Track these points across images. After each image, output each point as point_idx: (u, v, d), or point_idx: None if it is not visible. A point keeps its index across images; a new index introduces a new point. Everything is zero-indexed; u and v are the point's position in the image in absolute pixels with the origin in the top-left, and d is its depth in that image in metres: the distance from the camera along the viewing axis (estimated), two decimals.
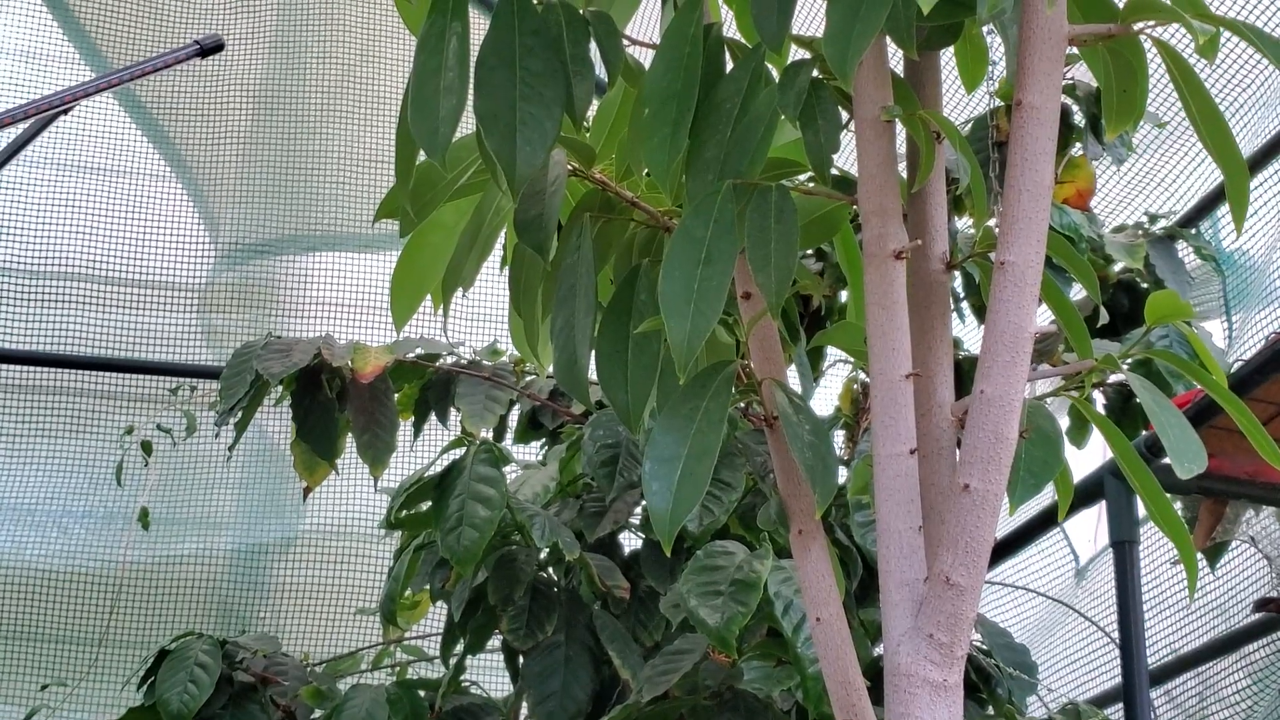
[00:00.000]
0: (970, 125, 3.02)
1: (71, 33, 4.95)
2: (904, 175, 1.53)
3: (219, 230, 5.06)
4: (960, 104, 3.44)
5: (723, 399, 1.47)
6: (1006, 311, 1.30)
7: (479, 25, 1.63)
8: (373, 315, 4.91)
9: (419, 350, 3.34)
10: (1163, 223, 3.50)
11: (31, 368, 4.68)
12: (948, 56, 1.70)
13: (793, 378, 1.91)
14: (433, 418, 3.40)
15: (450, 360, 3.36)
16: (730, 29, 1.83)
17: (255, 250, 5.05)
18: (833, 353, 3.37)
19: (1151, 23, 1.39)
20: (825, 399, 3.65)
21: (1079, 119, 3.17)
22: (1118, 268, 3.44)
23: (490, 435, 3.31)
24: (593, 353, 1.73)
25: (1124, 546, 2.77)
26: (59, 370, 4.71)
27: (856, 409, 3.35)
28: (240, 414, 3.03)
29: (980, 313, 3.13)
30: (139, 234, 4.86)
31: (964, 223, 3.11)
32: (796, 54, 1.62)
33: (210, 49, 2.91)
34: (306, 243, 5.07)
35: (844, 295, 3.22)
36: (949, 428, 1.42)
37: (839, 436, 3.27)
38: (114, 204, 4.87)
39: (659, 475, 1.43)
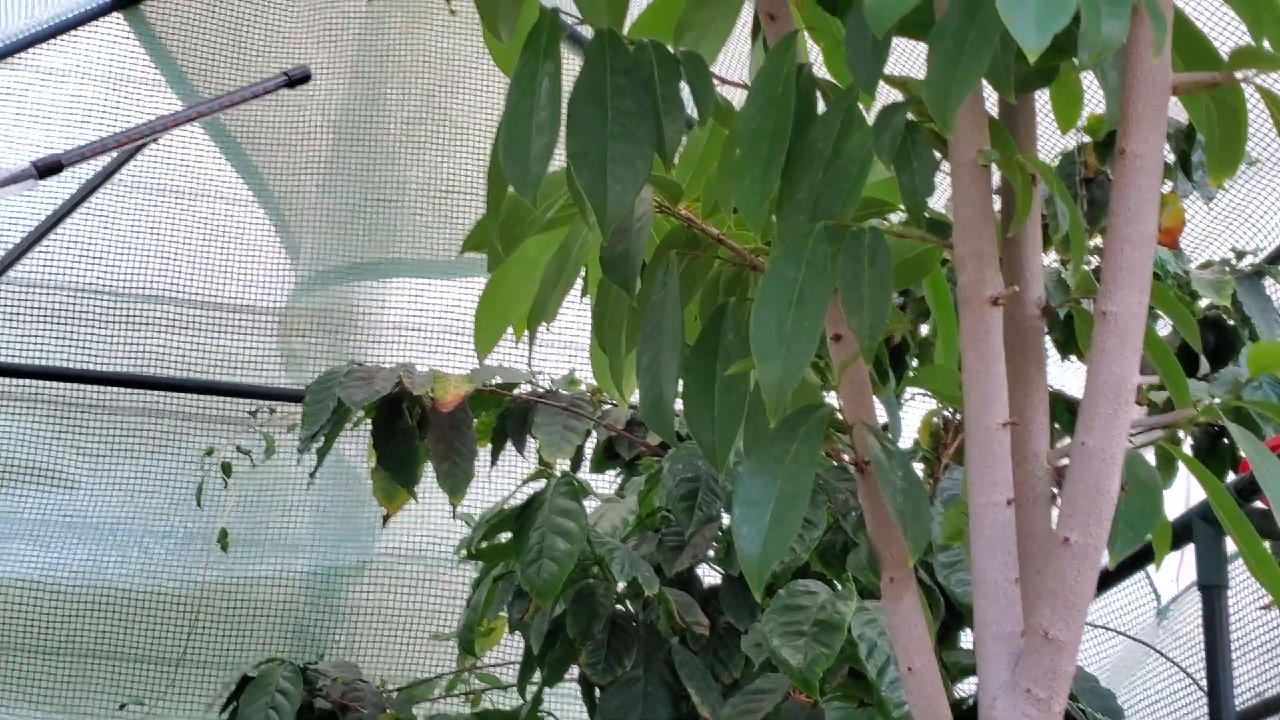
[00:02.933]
0: (1059, 160, 3.00)
1: (157, 58, 5.00)
2: (997, 217, 1.52)
3: (299, 255, 5.09)
4: (1046, 138, 3.42)
5: (813, 443, 1.45)
6: (1109, 363, 1.28)
7: (570, 63, 1.63)
8: (448, 341, 4.93)
9: (497, 379, 3.34)
10: (1250, 259, 3.46)
11: (113, 387, 4.73)
12: (1041, 96, 1.68)
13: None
14: (509, 445, 3.40)
15: (528, 389, 3.36)
16: (817, 63, 1.83)
17: (334, 275, 5.08)
18: (911, 386, 3.35)
19: (1254, 70, 1.37)
20: (904, 430, 3.63)
21: (1169, 156, 3.14)
22: (1204, 304, 3.40)
23: (567, 464, 3.31)
24: (679, 390, 1.73)
25: (1213, 591, 2.74)
26: (140, 390, 4.75)
27: (936, 442, 3.33)
28: (322, 439, 3.04)
29: (1063, 349, 3.10)
30: (221, 258, 4.91)
31: (1050, 258, 3.09)
32: (889, 93, 1.61)
33: (298, 79, 2.93)
34: (384, 269, 5.10)
35: (924, 328, 3.20)
36: (1044, 476, 1.40)
37: (918, 469, 3.24)
38: (198, 228, 4.92)
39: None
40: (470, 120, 5.15)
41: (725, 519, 2.69)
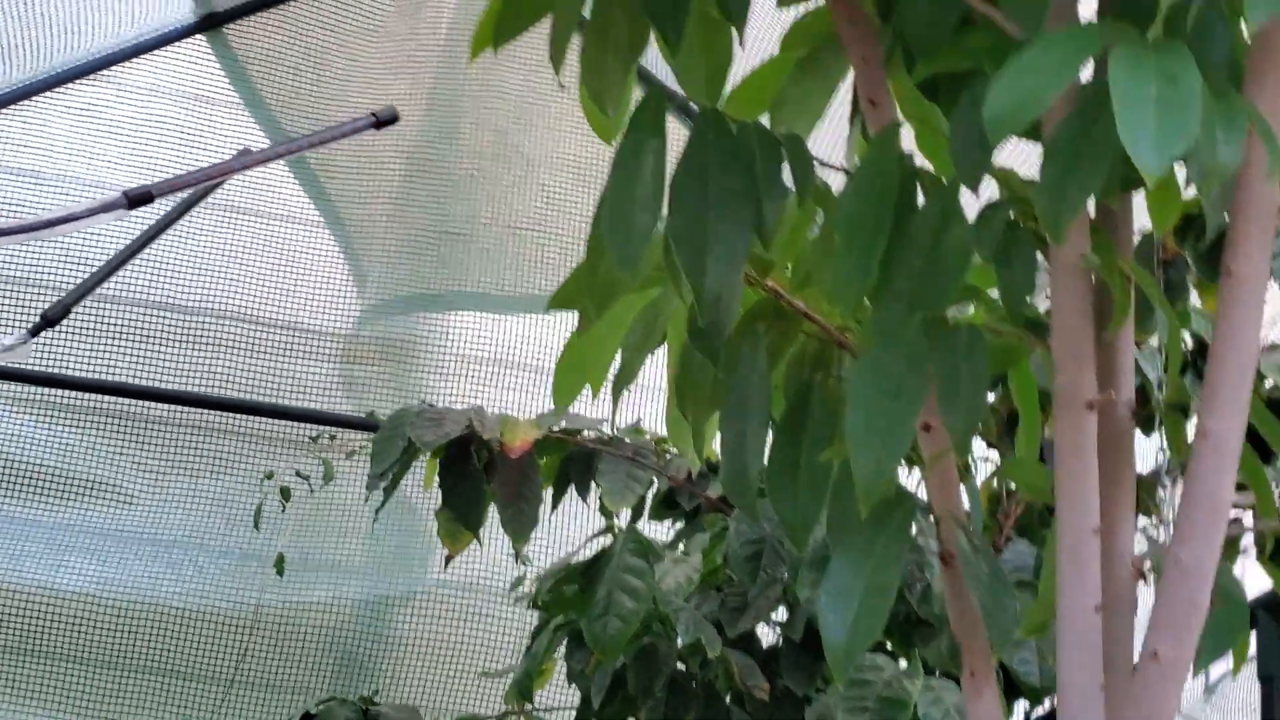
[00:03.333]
0: (1138, 239, 3.00)
1: (237, 81, 5.05)
2: None
3: (366, 283, 5.13)
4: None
5: (902, 536, 1.47)
6: (1206, 480, 1.30)
7: (675, 132, 1.66)
8: (510, 374, 4.96)
9: (563, 424, 3.37)
10: None
11: (177, 406, 4.77)
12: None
13: None
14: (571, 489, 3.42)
15: (592, 434, 3.38)
16: (906, 131, 1.84)
17: (399, 305, 5.11)
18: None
19: None
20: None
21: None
22: (1268, 384, 3.40)
23: (629, 513, 3.33)
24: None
25: (1273, 682, 2.74)
26: (203, 409, 4.80)
27: (995, 508, 3.33)
28: (390, 477, 3.07)
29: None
30: (290, 280, 4.95)
31: None
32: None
33: (385, 121, 2.97)
34: (449, 301, 5.13)
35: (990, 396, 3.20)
36: (1130, 579, 1.42)
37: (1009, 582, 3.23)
38: (268, 249, 4.96)
39: (835, 609, 1.44)
40: (541, 158, 5.19)
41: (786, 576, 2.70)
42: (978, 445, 3.31)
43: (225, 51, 5.01)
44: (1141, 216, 3.22)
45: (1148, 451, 2.17)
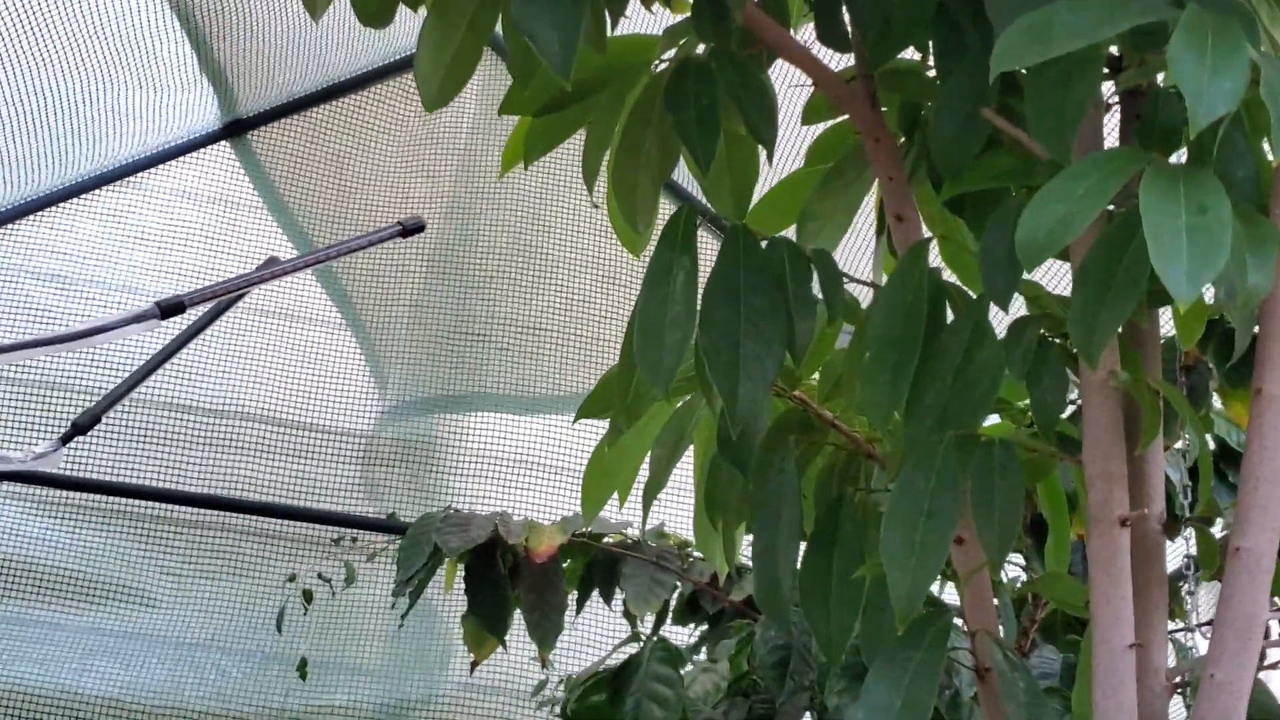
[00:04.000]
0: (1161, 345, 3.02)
1: (260, 185, 5.11)
2: None
3: (387, 384, 5.15)
4: None
5: (937, 652, 1.49)
6: (1239, 599, 1.31)
7: (703, 242, 1.69)
8: (530, 475, 4.96)
9: (588, 528, 3.38)
10: None
11: (199, 508, 4.79)
12: None
13: None
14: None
15: (616, 539, 3.39)
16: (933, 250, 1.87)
17: (419, 406, 5.13)
18: None
19: None
20: None
21: None
22: None
23: (653, 617, 3.33)
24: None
25: None
26: (225, 512, 4.81)
27: (1019, 610, 3.32)
28: (415, 583, 3.09)
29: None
30: (311, 382, 4.97)
31: None
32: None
33: (412, 230, 2.99)
34: (469, 402, 5.15)
35: None
36: (1163, 693, 1.43)
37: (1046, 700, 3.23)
38: (290, 351, 4.99)
39: None
40: (560, 258, 5.22)
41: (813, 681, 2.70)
42: None
43: (249, 156, 5.08)
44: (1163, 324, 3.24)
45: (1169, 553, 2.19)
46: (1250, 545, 1.32)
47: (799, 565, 1.76)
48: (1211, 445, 2.96)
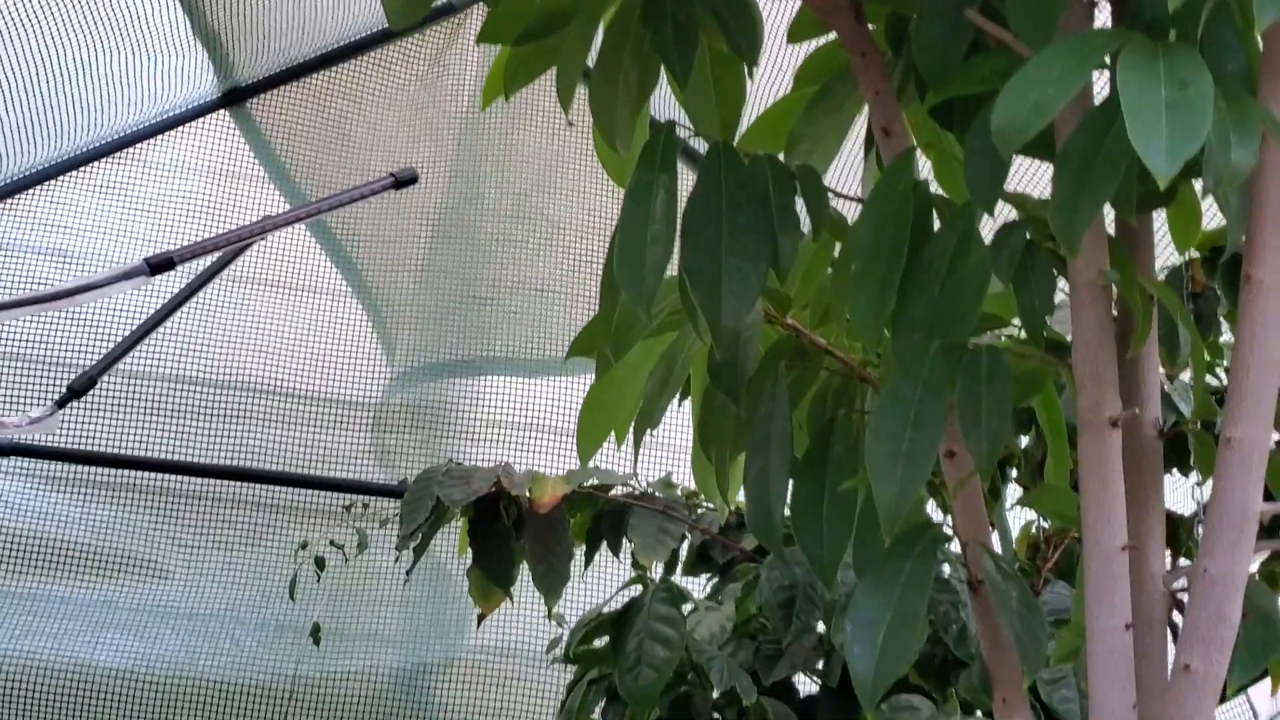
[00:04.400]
0: (1165, 274, 2.98)
1: (261, 154, 5.08)
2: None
3: (395, 351, 5.13)
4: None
5: (927, 563, 1.45)
6: (1232, 489, 1.28)
7: (684, 178, 1.65)
8: (541, 438, 4.94)
9: (594, 479, 3.35)
10: None
11: (210, 479, 4.77)
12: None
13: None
14: (603, 546, 3.39)
15: (623, 490, 3.36)
16: (925, 169, 1.83)
17: (428, 372, 5.11)
18: (1010, 492, 3.32)
19: None
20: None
21: None
22: None
23: (662, 568, 3.30)
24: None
25: None
26: (236, 482, 4.80)
27: (1034, 554, 3.29)
28: (420, 538, 3.06)
29: (1170, 465, 3.07)
30: (319, 352, 4.95)
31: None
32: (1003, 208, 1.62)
33: (404, 181, 2.96)
34: (478, 366, 5.12)
35: (1023, 438, 3.17)
36: (1161, 599, 1.40)
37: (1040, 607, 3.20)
38: (297, 322, 4.97)
39: (862, 639, 1.42)
40: (566, 220, 5.19)
41: (821, 627, 2.68)
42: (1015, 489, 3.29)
43: (249, 125, 5.04)
44: (1171, 253, 3.20)
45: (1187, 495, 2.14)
46: (1242, 435, 1.28)
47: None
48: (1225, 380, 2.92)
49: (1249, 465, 1.28)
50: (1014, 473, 2.94)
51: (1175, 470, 3.17)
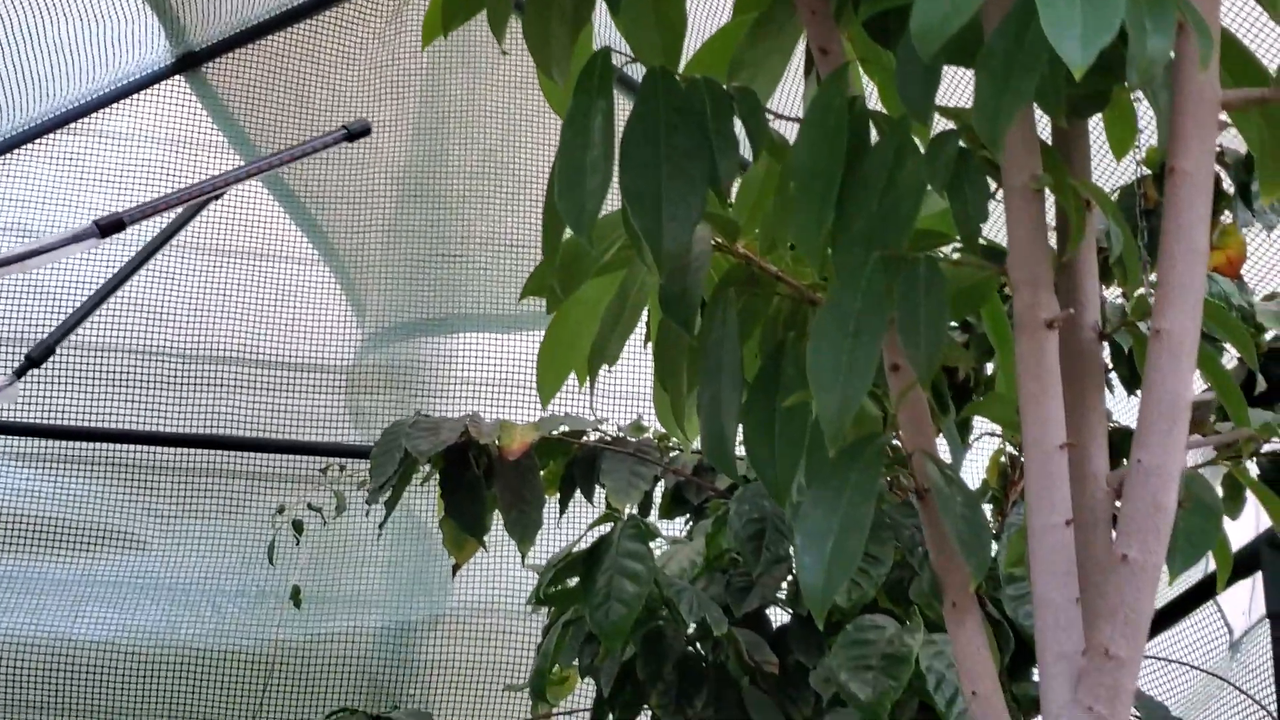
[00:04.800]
0: (1118, 194, 2.99)
1: (220, 120, 5.06)
2: (1053, 245, 1.52)
3: (365, 313, 5.13)
4: (1105, 173, 3.42)
5: (872, 472, 1.46)
6: (1163, 380, 1.28)
7: (622, 108, 1.65)
8: (516, 394, 4.94)
9: (564, 426, 3.35)
10: None
11: (183, 449, 4.77)
12: (1095, 123, 1.69)
13: (942, 451, 1.90)
14: (578, 494, 3.41)
15: (595, 436, 3.37)
16: (873, 101, 1.83)
17: (400, 331, 5.11)
18: (979, 425, 3.34)
19: None
20: (971, 471, 3.62)
21: (1228, 186, 3.13)
22: (1269, 335, 3.38)
23: (635, 511, 3.31)
24: (739, 427, 1.73)
25: None
26: (210, 451, 4.80)
27: (1004, 482, 3.32)
28: (390, 492, 3.06)
29: (1129, 384, 3.09)
30: (288, 317, 4.95)
31: (1111, 293, 3.07)
32: (942, 125, 1.62)
33: (358, 133, 2.96)
34: (450, 324, 5.12)
35: (990, 368, 3.19)
36: (1104, 498, 1.40)
37: (987, 510, 3.23)
38: (263, 288, 4.96)
39: (810, 549, 1.42)
40: (533, 175, 5.19)
41: (792, 558, 2.69)
42: (984, 420, 3.30)
43: (205, 90, 5.02)
44: (1122, 175, 3.20)
45: None
46: (1170, 326, 1.29)
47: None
48: None
49: (1178, 356, 1.29)
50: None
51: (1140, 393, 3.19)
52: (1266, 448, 2.93)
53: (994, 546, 2.90)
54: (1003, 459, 3.34)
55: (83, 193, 4.75)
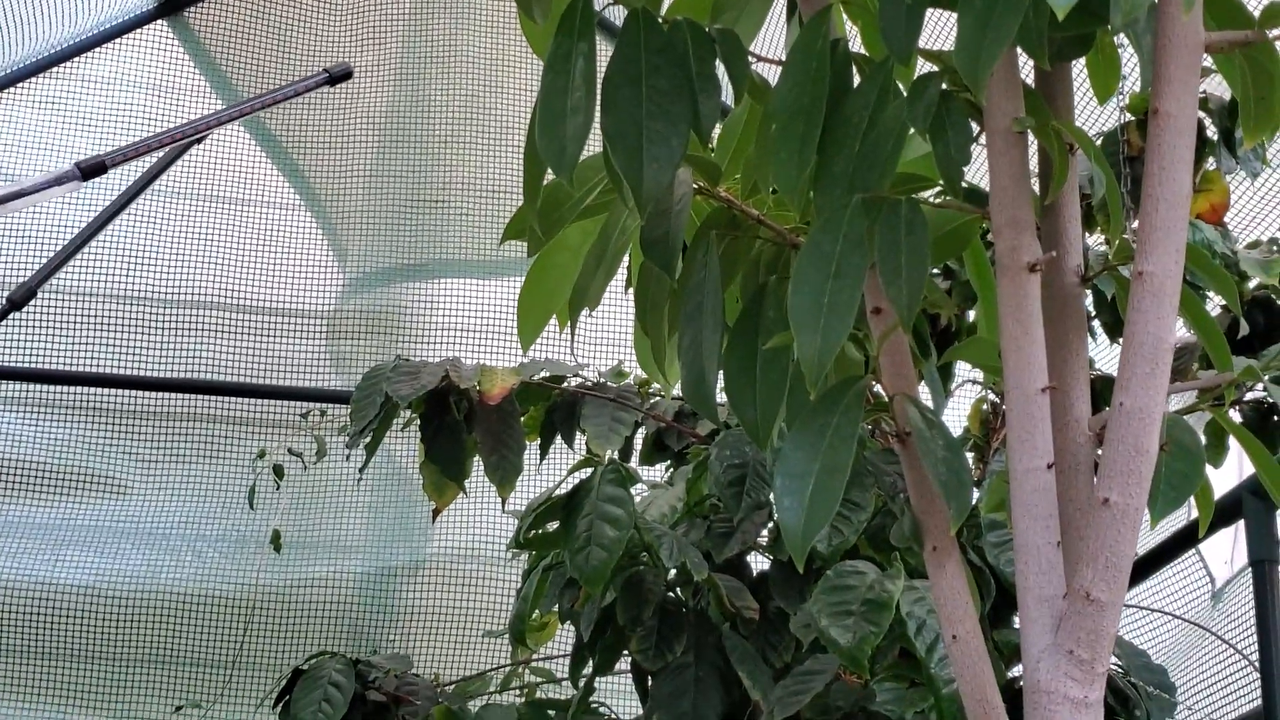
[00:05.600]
0: (1101, 140, 2.98)
1: (202, 65, 5.04)
2: (1035, 189, 1.51)
3: (346, 258, 5.11)
4: (1089, 119, 3.41)
5: (854, 414, 1.45)
6: (1145, 323, 1.28)
7: (603, 52, 1.64)
8: (498, 340, 4.94)
9: (545, 372, 3.35)
10: None
11: (165, 393, 4.76)
12: (1079, 68, 1.68)
13: (924, 396, 1.90)
14: (559, 439, 3.40)
15: (576, 382, 3.36)
16: (856, 45, 1.82)
17: (382, 277, 5.10)
18: (961, 372, 3.34)
19: None
20: (952, 419, 3.62)
21: (1211, 132, 3.12)
22: (1252, 284, 3.38)
23: (616, 456, 3.30)
24: (720, 371, 1.73)
25: (1263, 566, 2.72)
26: (192, 396, 4.79)
27: (986, 429, 3.32)
28: (370, 436, 3.05)
29: (1112, 331, 3.09)
30: (270, 262, 4.94)
31: (1094, 239, 3.07)
32: (924, 68, 1.61)
33: (339, 77, 2.93)
34: (432, 270, 5.11)
35: (972, 314, 3.18)
36: (1086, 443, 1.40)
37: (969, 457, 3.23)
38: (245, 233, 4.95)
39: (790, 491, 1.42)
40: (515, 120, 5.17)
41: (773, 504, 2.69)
42: (965, 368, 3.30)
43: (188, 35, 4.99)
44: (1106, 120, 3.18)
45: None
46: (1153, 269, 1.28)
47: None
48: None
49: (1161, 298, 1.28)
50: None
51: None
52: (1250, 396, 2.93)
53: (975, 494, 2.90)
54: (984, 406, 3.34)
55: (64, 137, 4.73)
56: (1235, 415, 3.06)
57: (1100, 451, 1.34)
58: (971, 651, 1.40)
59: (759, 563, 2.90)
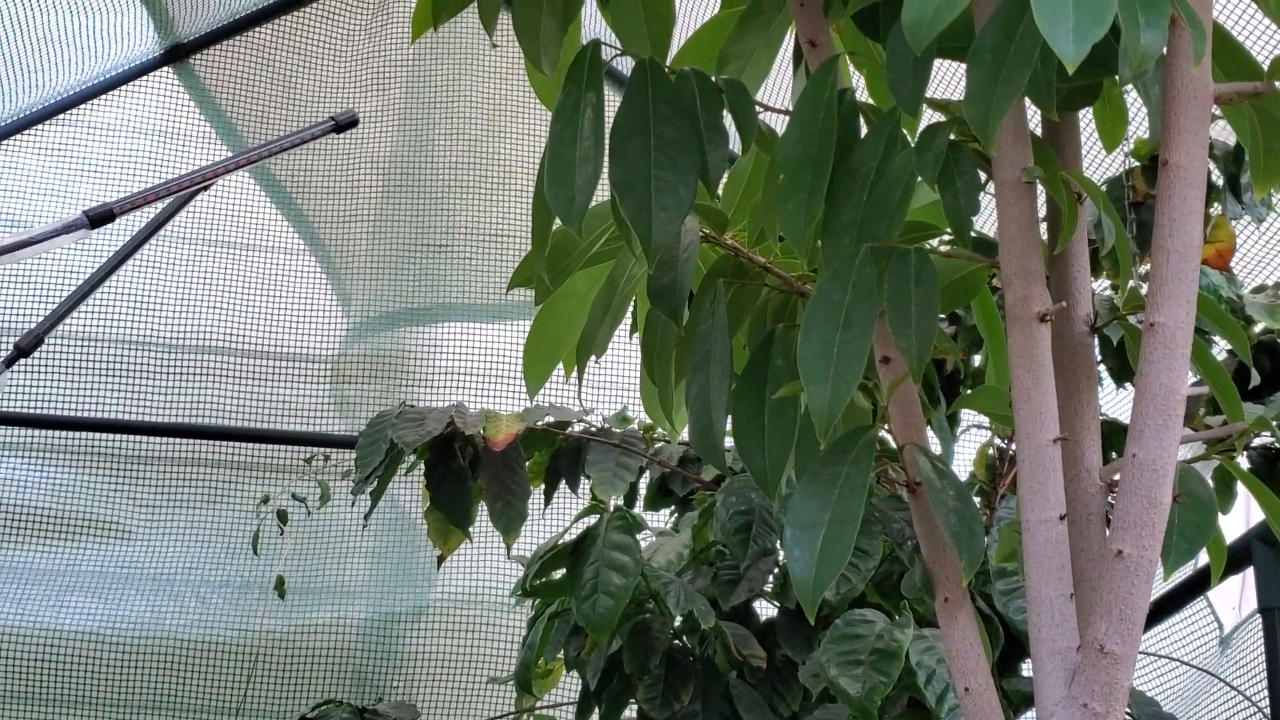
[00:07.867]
0: (1106, 185, 2.98)
1: (208, 112, 5.05)
2: (1043, 237, 1.51)
3: (351, 303, 5.12)
4: (1094, 165, 3.42)
5: (864, 464, 1.45)
6: (1157, 374, 1.28)
7: (612, 101, 1.64)
8: (502, 384, 4.94)
9: (549, 417, 3.35)
10: None
11: (169, 438, 4.76)
12: (1086, 116, 1.68)
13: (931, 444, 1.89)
14: (563, 485, 3.40)
15: (580, 427, 3.36)
16: (861, 93, 1.83)
17: (386, 321, 5.10)
18: (966, 418, 3.34)
19: None
20: (958, 466, 3.61)
21: (1217, 178, 3.13)
22: (1258, 329, 3.38)
23: (621, 502, 3.30)
24: (728, 419, 1.72)
25: (1273, 613, 2.71)
26: (196, 441, 4.78)
27: (993, 475, 3.31)
28: (375, 483, 3.05)
29: (1119, 376, 3.09)
30: (274, 307, 4.94)
31: (1099, 285, 3.07)
32: (931, 117, 1.61)
33: (345, 124, 2.94)
34: (436, 314, 5.12)
35: (977, 359, 3.18)
36: (1098, 492, 1.40)
37: (975, 502, 3.22)
38: (250, 279, 4.95)
39: (801, 542, 1.41)
40: (518, 165, 5.18)
41: (780, 551, 2.68)
42: (971, 413, 3.30)
43: (193, 82, 5.01)
44: (1113, 165, 3.19)
45: None
46: (1165, 320, 1.28)
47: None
48: None
49: (1173, 350, 1.28)
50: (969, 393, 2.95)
51: (1129, 385, 3.19)
52: (1257, 441, 2.93)
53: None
54: (991, 452, 3.34)
55: (71, 183, 4.74)
56: (1243, 461, 3.06)
57: (1112, 501, 1.34)
58: (984, 704, 1.39)
59: (766, 610, 2.90)
